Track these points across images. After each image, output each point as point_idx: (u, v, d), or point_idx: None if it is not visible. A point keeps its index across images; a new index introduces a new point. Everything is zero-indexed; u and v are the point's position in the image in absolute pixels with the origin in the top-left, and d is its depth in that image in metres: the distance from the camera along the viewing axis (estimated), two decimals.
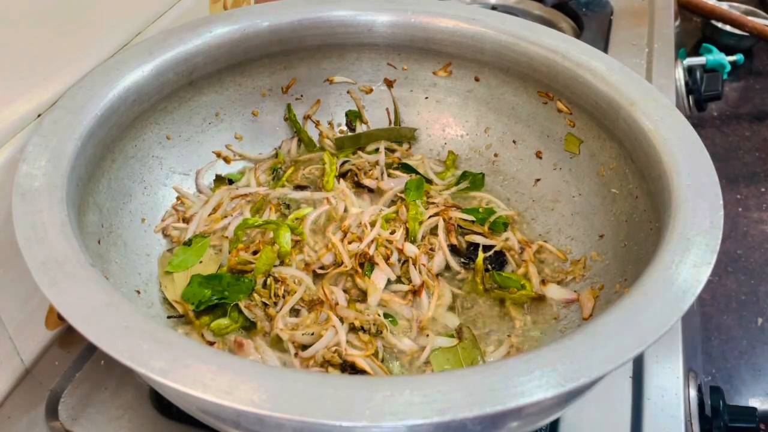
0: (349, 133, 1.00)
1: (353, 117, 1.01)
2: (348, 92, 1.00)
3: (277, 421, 0.46)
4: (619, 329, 0.52)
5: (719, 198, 0.64)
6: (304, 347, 0.72)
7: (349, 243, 0.82)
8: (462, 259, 0.84)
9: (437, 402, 0.45)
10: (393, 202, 0.90)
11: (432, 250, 0.83)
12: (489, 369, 0.48)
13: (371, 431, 0.46)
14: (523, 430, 0.58)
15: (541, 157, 0.92)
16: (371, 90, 0.99)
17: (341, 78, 0.98)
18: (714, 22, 1.74)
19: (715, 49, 1.67)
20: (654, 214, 0.70)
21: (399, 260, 0.81)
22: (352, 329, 0.74)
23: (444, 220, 0.86)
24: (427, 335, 0.75)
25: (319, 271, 0.80)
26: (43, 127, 0.67)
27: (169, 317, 0.75)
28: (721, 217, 0.62)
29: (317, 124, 1.00)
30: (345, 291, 0.78)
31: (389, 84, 0.99)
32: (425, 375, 0.49)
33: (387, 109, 1.00)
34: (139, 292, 0.74)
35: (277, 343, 0.73)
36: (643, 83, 0.79)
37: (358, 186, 0.92)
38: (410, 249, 0.82)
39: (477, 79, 0.95)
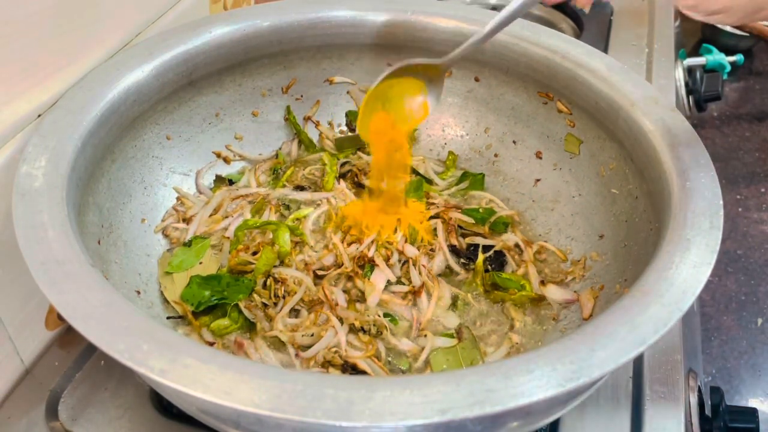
0: (350, 134, 1.00)
1: (353, 117, 1.01)
2: (348, 92, 1.00)
3: (277, 422, 0.46)
4: (619, 329, 0.52)
5: (719, 198, 0.64)
6: (305, 348, 0.72)
7: (349, 245, 0.82)
8: (462, 260, 0.84)
9: (437, 402, 0.45)
10: None
11: (432, 250, 0.83)
12: (489, 369, 0.48)
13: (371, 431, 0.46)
14: (523, 431, 0.58)
15: (541, 158, 0.92)
16: None
17: (341, 78, 0.98)
18: None
19: (715, 50, 1.67)
20: (654, 214, 0.70)
21: (399, 261, 0.81)
22: (352, 330, 0.74)
23: (444, 221, 0.86)
24: (426, 335, 0.75)
25: (319, 272, 0.80)
26: (42, 128, 0.67)
27: (168, 318, 0.75)
28: (721, 217, 0.62)
29: (317, 124, 0.99)
30: (345, 292, 0.78)
31: None
32: (425, 375, 0.49)
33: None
34: (139, 292, 0.74)
35: (277, 344, 0.73)
36: (643, 83, 0.79)
37: (358, 186, 0.92)
38: (410, 250, 0.82)
39: (477, 80, 0.95)
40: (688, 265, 0.57)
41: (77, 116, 0.69)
